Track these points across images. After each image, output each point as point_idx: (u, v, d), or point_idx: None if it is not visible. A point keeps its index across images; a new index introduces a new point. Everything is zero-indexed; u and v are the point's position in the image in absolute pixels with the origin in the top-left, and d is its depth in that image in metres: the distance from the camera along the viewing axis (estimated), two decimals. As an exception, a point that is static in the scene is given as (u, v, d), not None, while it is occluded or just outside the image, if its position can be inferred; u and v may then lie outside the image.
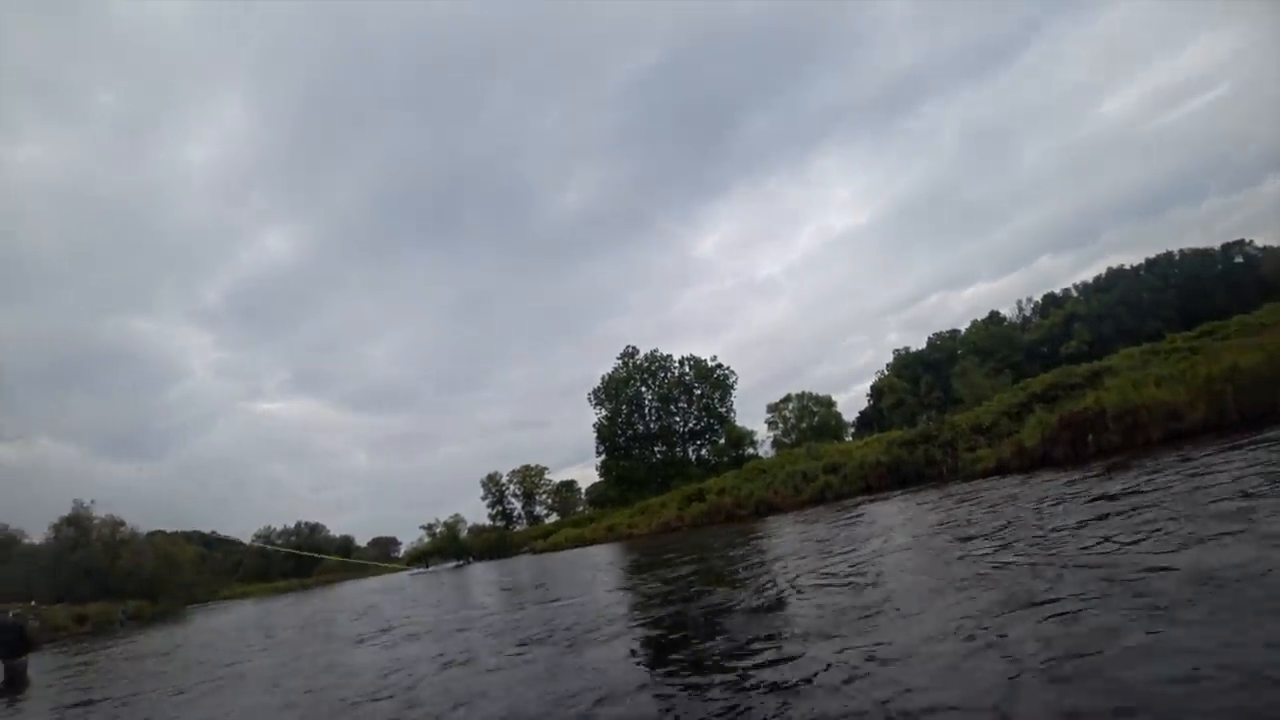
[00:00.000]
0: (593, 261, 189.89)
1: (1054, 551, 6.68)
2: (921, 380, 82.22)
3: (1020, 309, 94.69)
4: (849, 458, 31.66)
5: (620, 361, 74.91)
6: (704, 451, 70.00)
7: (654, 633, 7.93)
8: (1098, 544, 6.44)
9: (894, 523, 13.71)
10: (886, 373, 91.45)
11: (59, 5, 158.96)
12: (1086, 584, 5.17)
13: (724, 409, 71.21)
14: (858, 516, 16.94)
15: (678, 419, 72.21)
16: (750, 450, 65.02)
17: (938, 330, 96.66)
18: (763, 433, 71.58)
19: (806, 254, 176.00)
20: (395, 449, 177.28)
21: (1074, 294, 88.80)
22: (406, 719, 5.91)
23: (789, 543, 14.86)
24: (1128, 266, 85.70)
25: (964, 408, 37.61)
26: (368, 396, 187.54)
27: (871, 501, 21.30)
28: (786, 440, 68.89)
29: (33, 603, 16.87)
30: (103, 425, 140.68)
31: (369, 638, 12.82)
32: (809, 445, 44.49)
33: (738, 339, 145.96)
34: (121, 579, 46.90)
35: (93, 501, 52.19)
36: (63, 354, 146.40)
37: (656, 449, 71.46)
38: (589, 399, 74.78)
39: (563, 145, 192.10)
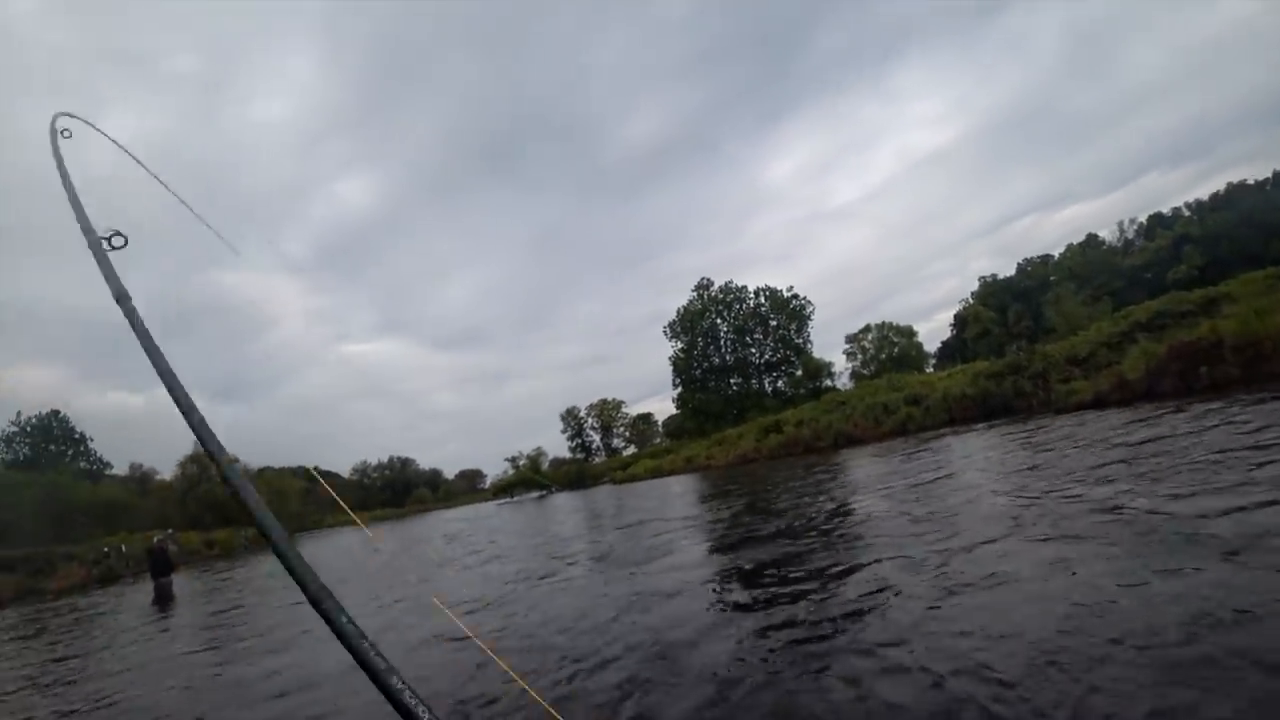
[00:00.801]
0: (661, 193, 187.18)
1: (1170, 494, 6.30)
2: (1010, 309, 78.17)
3: (1122, 231, 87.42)
4: (932, 389, 30.85)
5: (695, 294, 74.39)
6: (780, 383, 69.65)
7: (725, 557, 8.20)
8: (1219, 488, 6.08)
9: (980, 456, 13.36)
10: (971, 301, 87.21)
11: None
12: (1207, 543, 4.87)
13: (800, 340, 70.17)
14: (942, 449, 16.59)
15: (753, 351, 71.68)
16: (827, 382, 64.31)
17: (1028, 256, 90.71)
18: (840, 364, 70.69)
19: (885, 176, 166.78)
20: (477, 385, 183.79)
21: (1185, 213, 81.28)
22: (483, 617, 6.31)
23: (868, 475, 14.71)
24: (1250, 181, 77.62)
25: (1057, 338, 35.75)
26: (448, 335, 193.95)
27: (956, 434, 20.78)
28: (865, 372, 67.54)
29: (170, 530, 19.01)
30: (211, 372, 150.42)
31: (456, 557, 13.64)
32: (889, 376, 43.46)
33: (813, 269, 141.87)
34: (238, 510, 51.13)
35: (211, 440, 56.57)
36: (171, 309, 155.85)
37: (732, 381, 71.43)
38: (664, 332, 75.03)
39: (626, 75, 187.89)
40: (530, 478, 73.11)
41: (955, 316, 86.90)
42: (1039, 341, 38.58)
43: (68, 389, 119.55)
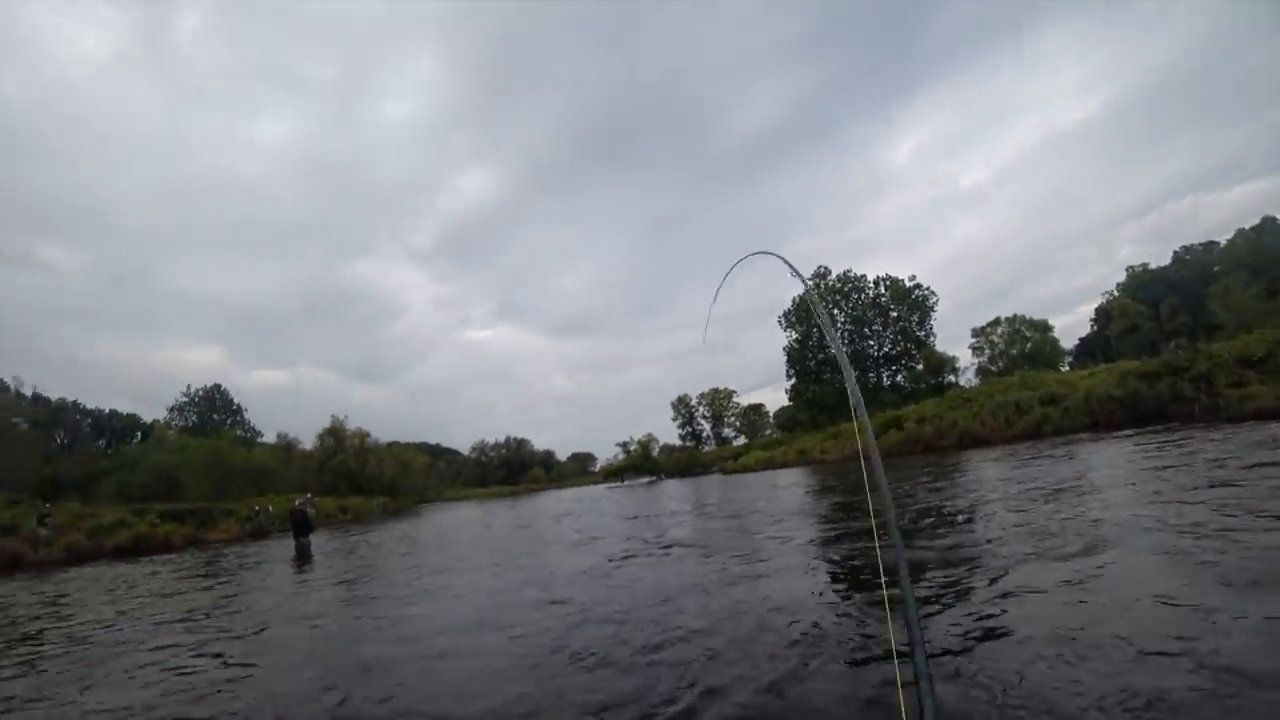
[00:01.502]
0: (776, 179, 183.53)
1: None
2: (1163, 302, 70.81)
3: (1308, 213, 77.25)
4: (1072, 389, 28.62)
5: (811, 283, 72.46)
6: (899, 378, 66.72)
7: (835, 554, 7.95)
8: None
9: (1129, 469, 12.17)
10: (1116, 293, 79.59)
11: None
12: None
13: (922, 333, 66.85)
14: (1083, 457, 15.29)
15: (871, 342, 69.06)
16: (951, 378, 60.90)
17: (1187, 243, 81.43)
18: (966, 359, 66.26)
19: (1020, 154, 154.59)
20: (590, 372, 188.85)
21: (1390, 191, 70.64)
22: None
23: (996, 480, 13.75)
24: None
25: (1224, 336, 32.18)
26: (564, 323, 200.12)
27: (1098, 440, 19.12)
28: (993, 368, 63.17)
29: (310, 495, 20.81)
30: (348, 354, 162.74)
31: (569, 537, 13.97)
32: (1022, 374, 40.60)
33: (937, 256, 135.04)
34: (369, 480, 55.17)
35: (346, 416, 61.48)
36: (312, 296, 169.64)
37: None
38: (779, 322, 73.56)
39: (739, 59, 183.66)
40: (640, 463, 74.04)
41: (1097, 310, 79.72)
42: (1199, 340, 34.86)
43: (228, 366, 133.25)
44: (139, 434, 69.70)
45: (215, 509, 29.72)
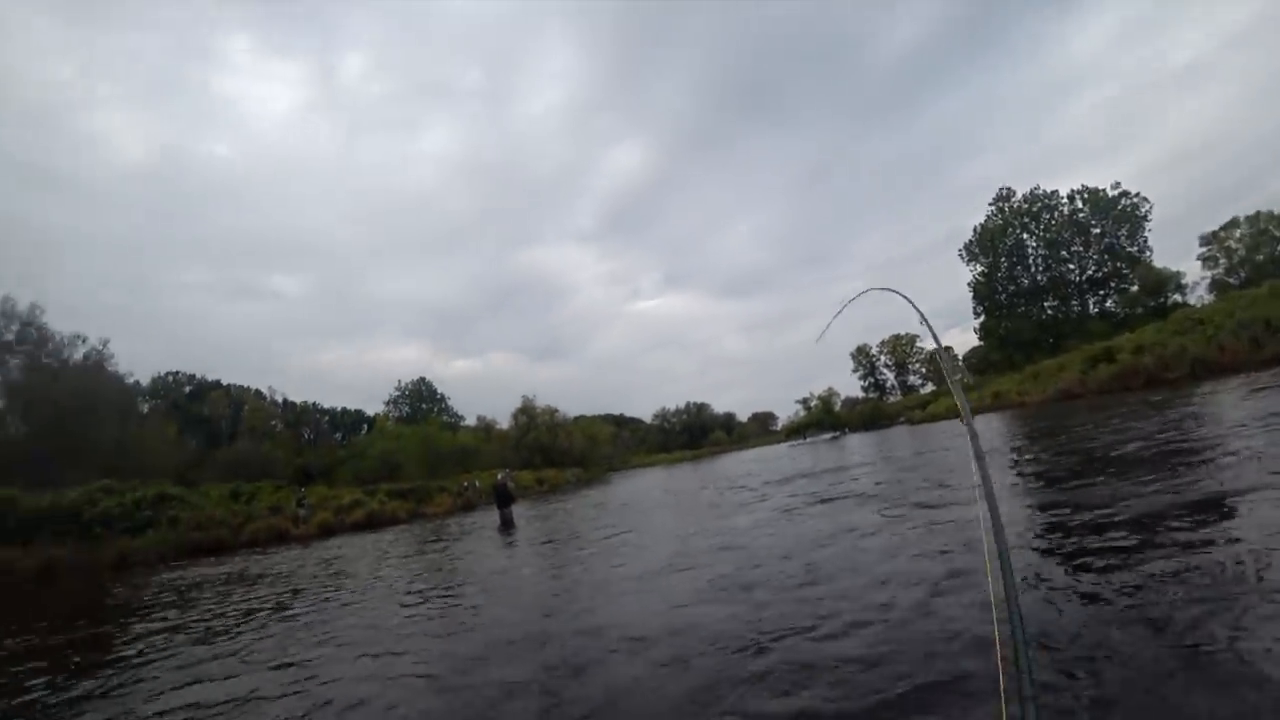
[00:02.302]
0: (936, 100, 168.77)
1: None
2: None
3: None
4: (1341, 297, 23.82)
5: (993, 208, 66.20)
6: (1108, 303, 59.21)
7: (1046, 517, 6.91)
8: None
9: None
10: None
11: (424, 14, 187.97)
12: None
13: (1134, 248, 58.69)
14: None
15: (1071, 266, 61.84)
16: (1175, 297, 52.80)
17: None
18: (1193, 273, 56.05)
19: (1253, 10, 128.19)
20: (763, 330, 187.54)
21: None
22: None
23: (1250, 418, 11.65)
24: None
25: None
26: (730, 283, 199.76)
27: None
28: (1232, 280, 53.10)
29: (508, 470, 22.87)
30: (530, 337, 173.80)
31: (741, 496, 13.97)
32: (1272, 284, 34.17)
33: (1147, 156, 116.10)
34: (561, 453, 58.84)
35: (534, 395, 65.68)
36: (491, 288, 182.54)
37: (1046, 304, 62.65)
38: (960, 255, 68.24)
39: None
40: (822, 418, 72.42)
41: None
42: None
43: (429, 360, 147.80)
44: (365, 426, 79.74)
45: (430, 486, 33.33)
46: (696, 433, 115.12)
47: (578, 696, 4.08)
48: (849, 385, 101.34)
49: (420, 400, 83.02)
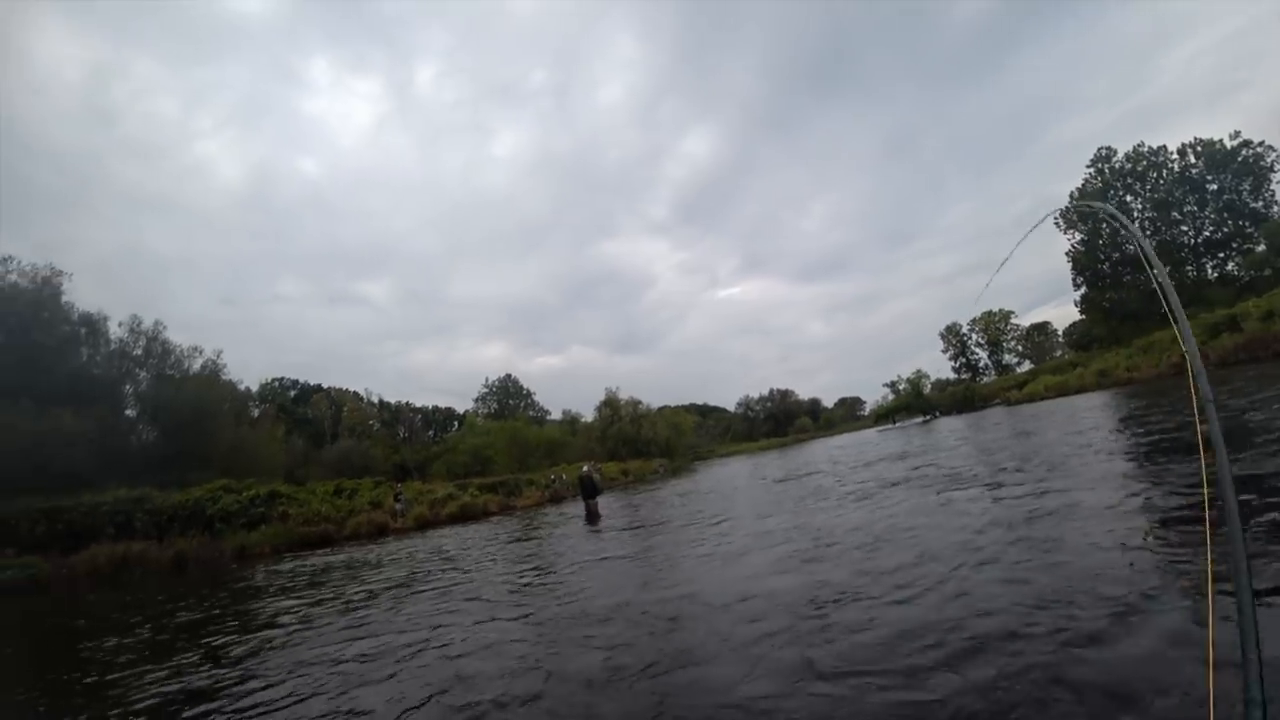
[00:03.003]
0: (1020, 59, 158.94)
1: None
2: None
3: None
4: None
5: (1091, 170, 61.90)
6: (1230, 266, 54.20)
7: (1163, 503, 6.45)
8: None
9: None
10: None
11: (487, 18, 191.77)
12: None
13: (1259, 203, 53.28)
14: None
15: (1184, 228, 57.05)
16: (1311, 255, 47.98)
17: None
18: None
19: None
20: (846, 312, 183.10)
21: None
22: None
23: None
24: None
25: None
26: (811, 266, 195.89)
27: None
28: (1379, 231, 48.11)
29: (594, 462, 23.29)
30: (609, 330, 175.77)
31: (822, 481, 13.65)
32: None
33: (1268, 98, 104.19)
34: (645, 444, 59.14)
35: (618, 388, 66.20)
36: (569, 283, 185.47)
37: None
38: (1055, 223, 63.97)
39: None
40: (912, 402, 69.90)
41: None
42: None
43: (511, 357, 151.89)
44: (456, 423, 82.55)
45: (519, 480, 34.14)
46: (781, 420, 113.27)
47: (675, 643, 5.07)
48: (938, 366, 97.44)
49: (508, 396, 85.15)
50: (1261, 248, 50.10)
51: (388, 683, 5.25)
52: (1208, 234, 55.90)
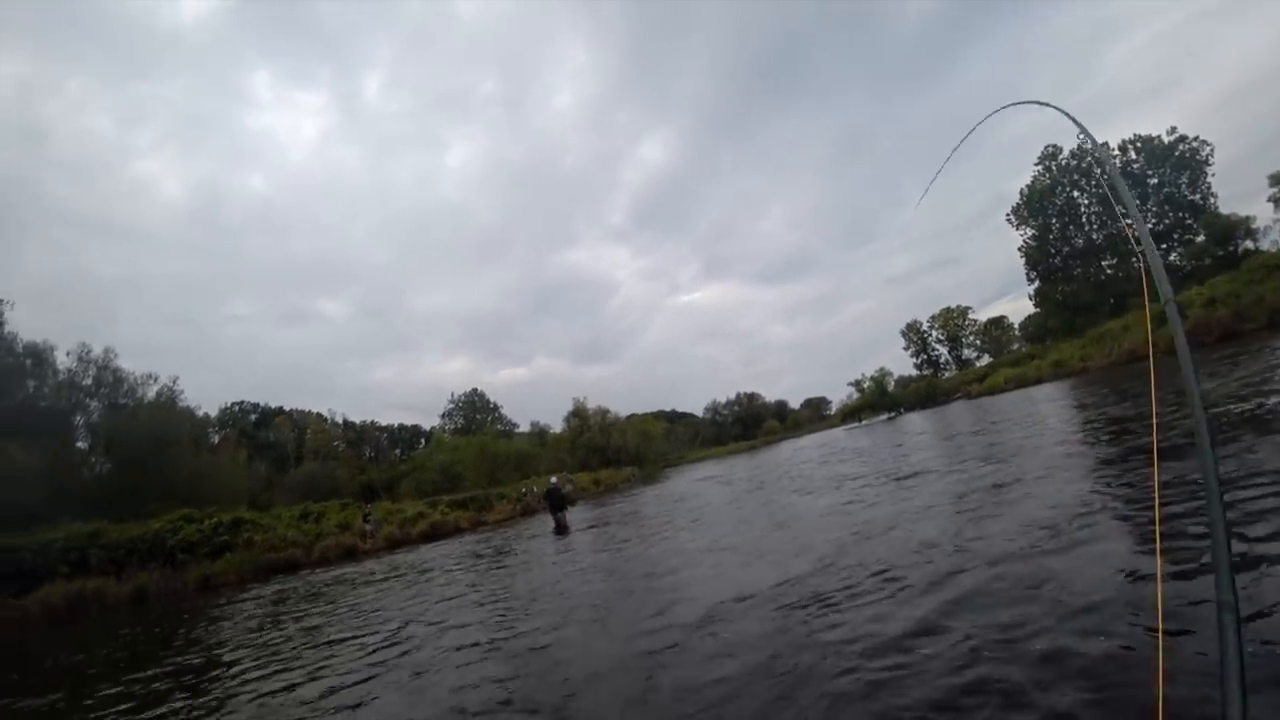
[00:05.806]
0: (967, 59, 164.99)
1: None
2: None
3: None
4: None
5: (1040, 167, 63.71)
6: (1173, 257, 56.20)
7: (1117, 486, 6.53)
8: None
9: None
10: None
11: (431, 27, 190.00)
12: None
13: (1196, 195, 55.59)
14: None
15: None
16: (1248, 244, 49.82)
17: None
18: (1265, 216, 51.84)
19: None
20: (808, 314, 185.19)
21: None
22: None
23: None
24: None
25: None
26: (771, 268, 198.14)
27: None
28: (1310, 219, 50.10)
29: (564, 473, 23.00)
30: (574, 340, 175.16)
31: (788, 481, 13.78)
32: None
33: (1202, 96, 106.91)
34: (615, 452, 58.95)
35: (585, 397, 65.83)
36: (531, 294, 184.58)
37: (1103, 263, 59.98)
38: (1008, 220, 65.90)
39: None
40: (876, 399, 70.84)
41: None
42: None
43: (476, 370, 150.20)
44: (422, 440, 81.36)
45: (490, 494, 33.74)
46: (749, 423, 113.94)
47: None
48: (901, 364, 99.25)
49: (474, 410, 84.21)
50: (1201, 238, 52.19)
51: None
52: (1151, 226, 57.80)
